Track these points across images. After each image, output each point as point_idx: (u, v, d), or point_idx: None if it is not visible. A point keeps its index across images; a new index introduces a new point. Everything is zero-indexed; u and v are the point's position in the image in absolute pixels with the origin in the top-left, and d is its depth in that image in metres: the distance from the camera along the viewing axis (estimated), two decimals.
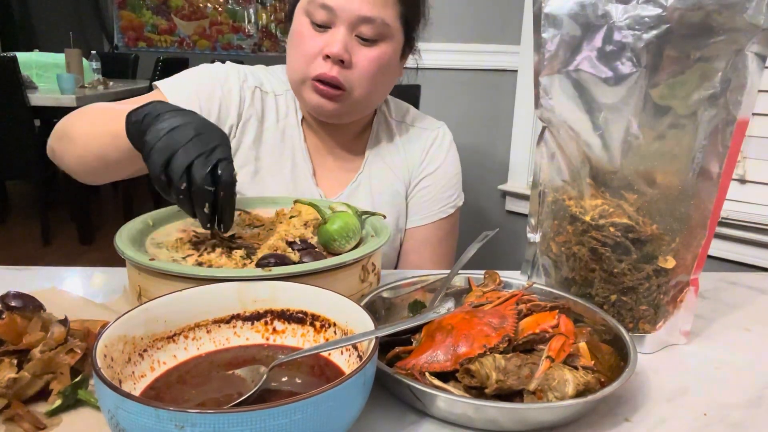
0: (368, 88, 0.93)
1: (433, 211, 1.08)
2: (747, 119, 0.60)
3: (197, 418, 0.36)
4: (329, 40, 0.89)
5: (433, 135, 1.10)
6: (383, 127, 1.09)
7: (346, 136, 1.05)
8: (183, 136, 0.64)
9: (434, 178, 1.08)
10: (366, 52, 0.90)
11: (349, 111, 0.96)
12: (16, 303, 0.58)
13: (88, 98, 3.28)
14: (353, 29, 0.89)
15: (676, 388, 0.59)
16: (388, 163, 1.07)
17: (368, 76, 0.91)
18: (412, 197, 1.09)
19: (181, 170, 0.62)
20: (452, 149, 1.12)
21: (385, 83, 0.98)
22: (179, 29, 5.73)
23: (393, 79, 1.01)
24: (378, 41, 0.91)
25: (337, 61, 0.89)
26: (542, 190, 0.73)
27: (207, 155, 0.63)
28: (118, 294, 0.73)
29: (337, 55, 0.88)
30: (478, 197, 2.17)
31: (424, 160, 1.08)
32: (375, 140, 1.08)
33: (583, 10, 0.62)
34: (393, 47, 0.93)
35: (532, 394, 0.50)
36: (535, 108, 0.70)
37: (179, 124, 0.65)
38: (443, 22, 2.02)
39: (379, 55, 0.91)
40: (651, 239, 0.64)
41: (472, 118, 2.11)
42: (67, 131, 0.91)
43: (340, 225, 0.68)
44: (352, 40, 0.90)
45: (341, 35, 0.88)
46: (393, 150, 1.08)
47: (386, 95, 1.06)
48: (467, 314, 0.58)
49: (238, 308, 0.55)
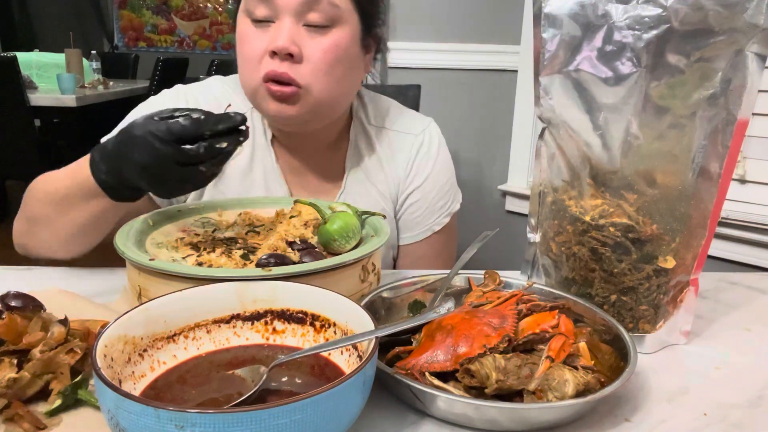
0: (327, 83, 0.82)
1: (427, 225, 1.01)
2: (747, 119, 0.60)
3: (197, 418, 0.36)
4: (273, 35, 0.80)
5: (418, 141, 0.99)
6: (362, 136, 0.99)
7: (321, 150, 0.96)
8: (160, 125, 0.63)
9: (424, 190, 0.99)
10: (318, 42, 0.81)
11: (314, 113, 0.86)
12: (16, 303, 0.58)
13: (88, 98, 3.29)
14: (299, 18, 0.80)
15: (676, 388, 0.59)
16: (371, 178, 0.98)
17: (324, 68, 0.81)
18: (402, 215, 1.00)
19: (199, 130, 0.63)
20: (441, 152, 1.02)
21: (348, 78, 0.87)
22: (179, 29, 5.73)
23: (357, 74, 0.90)
24: (330, 27, 0.81)
25: (286, 56, 0.79)
26: (542, 190, 0.73)
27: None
28: (118, 294, 0.73)
29: (282, 48, 0.78)
30: (478, 197, 2.17)
31: (411, 172, 0.98)
32: (354, 153, 0.98)
33: (583, 10, 0.62)
34: (349, 34, 0.83)
35: (532, 394, 0.50)
36: (535, 108, 0.70)
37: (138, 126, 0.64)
38: (443, 22, 2.02)
39: (334, 43, 0.81)
40: (651, 239, 0.64)
41: (472, 118, 2.11)
42: (31, 217, 0.81)
43: (340, 225, 0.68)
44: (300, 31, 0.80)
45: (286, 27, 0.79)
46: (375, 163, 0.98)
47: (353, 93, 0.94)
48: (467, 314, 0.58)
49: (238, 308, 0.55)
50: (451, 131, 1.11)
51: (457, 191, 1.05)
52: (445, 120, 1.12)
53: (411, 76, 1.97)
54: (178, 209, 0.80)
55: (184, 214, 0.79)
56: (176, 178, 0.65)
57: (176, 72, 3.94)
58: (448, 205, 1.02)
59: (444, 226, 1.02)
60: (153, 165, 0.64)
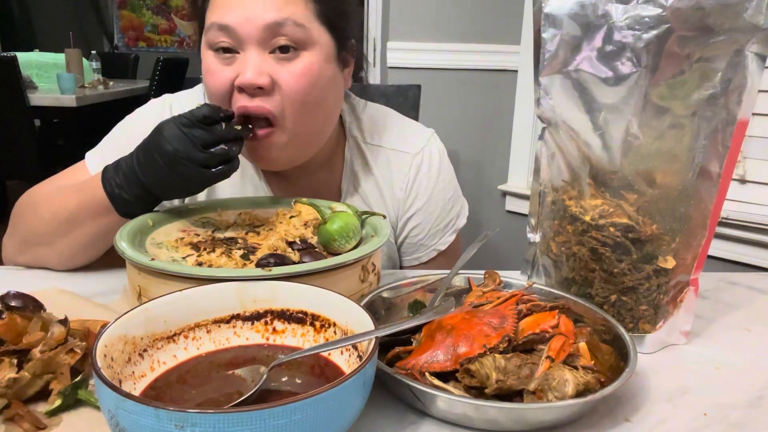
0: (303, 110, 0.76)
1: (431, 246, 0.96)
2: (747, 119, 0.60)
3: (197, 418, 0.36)
4: (239, 68, 0.74)
5: (417, 161, 0.93)
6: (357, 156, 0.93)
7: (313, 172, 0.90)
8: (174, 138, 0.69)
9: (426, 212, 0.93)
10: (288, 69, 0.74)
11: (296, 147, 0.80)
12: (16, 303, 0.57)
13: (88, 98, 3.29)
14: (265, 46, 0.74)
15: (676, 388, 0.59)
16: (369, 201, 0.93)
17: (300, 96, 0.75)
18: (403, 239, 0.95)
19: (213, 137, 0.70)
20: (443, 169, 0.95)
21: (328, 100, 0.80)
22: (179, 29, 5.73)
23: (336, 94, 0.83)
24: (299, 50, 0.75)
25: (255, 90, 0.73)
26: (542, 190, 0.73)
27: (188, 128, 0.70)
28: (118, 294, 0.73)
29: (249, 84, 0.72)
30: (478, 197, 2.18)
31: (410, 195, 0.93)
32: (350, 174, 0.92)
33: (583, 10, 0.62)
34: (321, 54, 0.76)
35: (532, 394, 0.50)
36: (535, 108, 0.70)
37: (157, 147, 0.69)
38: (443, 22, 2.02)
39: (306, 68, 0.75)
40: (651, 239, 0.64)
41: (472, 117, 2.11)
42: (28, 236, 0.80)
43: (340, 225, 0.68)
44: (268, 60, 0.74)
45: (251, 57, 0.73)
46: (372, 185, 0.93)
47: (335, 115, 0.86)
48: (467, 314, 0.58)
49: (238, 308, 0.55)
50: (451, 131, 1.11)
51: (462, 205, 0.99)
52: (445, 120, 1.12)
53: (411, 76, 1.97)
54: (178, 209, 0.80)
55: (184, 214, 0.79)
56: (195, 170, 0.69)
57: (176, 72, 3.95)
58: (453, 223, 0.97)
59: (449, 245, 0.97)
60: (179, 150, 0.68)
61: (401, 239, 0.96)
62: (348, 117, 0.95)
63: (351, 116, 0.95)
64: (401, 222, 0.95)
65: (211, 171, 0.70)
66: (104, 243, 0.79)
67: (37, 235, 0.79)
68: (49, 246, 0.79)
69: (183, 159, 0.68)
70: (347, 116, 0.95)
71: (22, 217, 0.82)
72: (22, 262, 0.83)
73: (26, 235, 0.81)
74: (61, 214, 0.77)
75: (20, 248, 0.82)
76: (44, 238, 0.79)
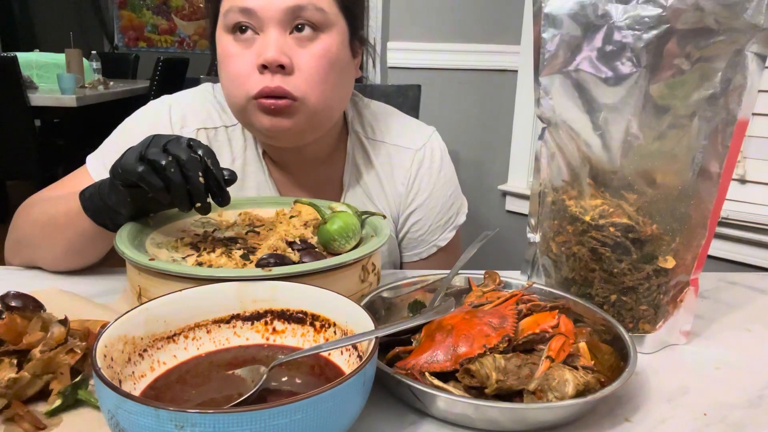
0: (323, 92, 0.78)
1: (431, 242, 0.97)
2: (747, 119, 0.60)
3: (197, 418, 0.36)
4: (260, 48, 0.75)
5: (419, 157, 0.94)
6: (359, 151, 0.94)
7: (315, 165, 0.92)
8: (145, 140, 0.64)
9: (426, 208, 0.95)
10: (308, 50, 0.77)
11: (311, 125, 0.81)
12: (16, 303, 0.58)
13: (88, 98, 3.29)
14: (285, 27, 0.76)
15: (676, 388, 0.59)
16: (370, 195, 0.94)
17: (319, 77, 0.77)
18: (403, 234, 0.96)
19: (160, 149, 0.62)
20: (444, 165, 0.96)
21: (341, 84, 0.83)
22: (179, 29, 5.74)
23: (349, 80, 0.86)
24: (318, 33, 0.77)
25: (277, 68, 0.75)
26: (542, 190, 0.73)
27: (176, 139, 0.64)
28: (118, 294, 0.73)
29: (273, 60, 0.74)
30: (478, 197, 2.17)
31: (411, 190, 0.94)
32: (352, 168, 0.93)
33: (583, 10, 0.62)
34: (338, 38, 0.79)
35: (532, 394, 0.50)
36: (535, 108, 0.70)
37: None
38: (443, 22, 2.02)
39: (325, 50, 0.78)
40: (651, 239, 0.64)
41: (472, 117, 2.11)
42: (19, 238, 0.82)
43: (340, 225, 0.68)
44: (288, 41, 0.76)
45: (273, 38, 0.75)
46: (374, 179, 0.94)
47: (346, 99, 0.89)
48: (467, 314, 0.58)
49: (238, 308, 0.55)
50: (451, 131, 1.11)
51: (462, 202, 1.01)
52: (445, 120, 1.12)
53: (411, 76, 1.97)
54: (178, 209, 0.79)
55: (184, 214, 0.79)
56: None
57: (176, 72, 3.95)
58: (453, 219, 0.98)
59: (449, 242, 0.98)
60: (123, 156, 0.64)
61: (402, 234, 0.97)
62: (351, 112, 0.96)
63: (353, 111, 0.96)
64: (402, 217, 0.96)
65: (138, 171, 0.62)
66: (90, 249, 0.78)
67: (26, 237, 0.81)
68: (33, 248, 0.80)
69: (122, 164, 0.64)
70: (350, 111, 0.96)
71: (16, 219, 0.84)
72: (16, 264, 0.84)
73: (18, 237, 0.83)
74: (42, 218, 0.78)
75: (13, 249, 0.84)
76: (30, 240, 0.80)
